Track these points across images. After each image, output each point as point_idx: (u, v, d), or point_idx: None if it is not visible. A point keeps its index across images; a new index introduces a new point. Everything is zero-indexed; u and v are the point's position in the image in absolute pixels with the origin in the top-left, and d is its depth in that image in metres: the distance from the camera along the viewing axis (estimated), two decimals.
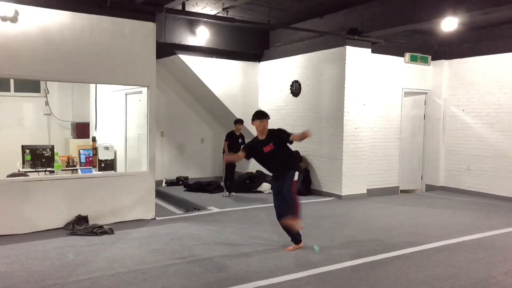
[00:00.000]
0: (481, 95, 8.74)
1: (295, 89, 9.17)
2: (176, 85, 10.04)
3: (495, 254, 5.00)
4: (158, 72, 7.08)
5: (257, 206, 7.59)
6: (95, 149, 8.19)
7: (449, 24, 6.83)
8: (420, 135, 9.52)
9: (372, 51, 8.38)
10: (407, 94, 9.21)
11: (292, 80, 9.24)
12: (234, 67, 9.82)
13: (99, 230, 5.50)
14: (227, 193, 8.49)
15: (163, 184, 9.62)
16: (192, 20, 8.63)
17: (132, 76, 6.26)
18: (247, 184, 9.12)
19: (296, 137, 4.91)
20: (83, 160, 8.06)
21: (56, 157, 7.18)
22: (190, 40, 8.85)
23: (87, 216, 5.83)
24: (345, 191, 8.20)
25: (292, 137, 4.93)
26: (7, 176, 6.08)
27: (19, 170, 6.93)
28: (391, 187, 8.95)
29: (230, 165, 8.46)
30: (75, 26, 5.75)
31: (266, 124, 5.07)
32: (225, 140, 8.46)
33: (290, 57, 9.29)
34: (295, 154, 5.19)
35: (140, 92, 7.23)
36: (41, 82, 9.47)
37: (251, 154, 5.06)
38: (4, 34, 5.34)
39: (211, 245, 5.17)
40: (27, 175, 6.51)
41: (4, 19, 5.32)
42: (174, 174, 9.98)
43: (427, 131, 9.54)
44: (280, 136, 5.03)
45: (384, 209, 7.51)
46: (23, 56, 5.46)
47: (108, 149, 8.19)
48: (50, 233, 5.52)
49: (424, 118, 9.53)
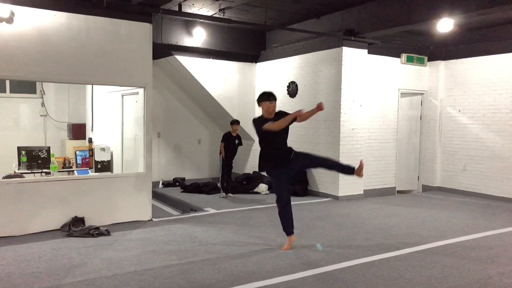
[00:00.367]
0: (477, 95, 8.78)
1: (292, 90, 9.18)
2: (173, 86, 10.03)
3: (492, 254, 5.02)
4: (155, 73, 7.08)
5: (254, 207, 7.59)
6: (91, 150, 8.16)
7: (445, 25, 6.87)
8: (417, 135, 9.55)
9: (369, 52, 8.40)
10: (403, 95, 9.24)
11: (289, 81, 9.25)
12: (231, 68, 9.82)
13: (96, 232, 5.48)
14: (224, 194, 8.49)
15: (160, 185, 9.61)
16: (189, 21, 8.63)
17: (128, 77, 6.25)
18: (244, 185, 9.11)
19: (303, 115, 4.78)
20: (79, 161, 8.03)
21: (52, 159, 7.15)
22: (187, 41, 8.85)
23: (83, 217, 5.81)
24: (342, 192, 8.21)
25: (298, 116, 4.77)
26: (3, 178, 6.05)
27: (15, 172, 6.90)
28: (387, 187, 8.97)
29: (227, 166, 8.45)
30: (71, 27, 5.73)
31: (275, 105, 4.88)
32: (221, 141, 8.45)
33: (287, 58, 9.29)
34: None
35: (137, 93, 7.22)
36: (37, 83, 9.44)
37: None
38: (0, 35, 5.32)
39: (208, 246, 5.16)
40: (23, 177, 6.48)
41: None
42: (170, 175, 9.96)
43: (424, 131, 9.57)
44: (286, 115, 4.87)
45: (381, 209, 7.53)
46: (19, 57, 5.44)
47: (104, 150, 8.15)
48: (46, 234, 5.50)
49: (421, 119, 9.55)
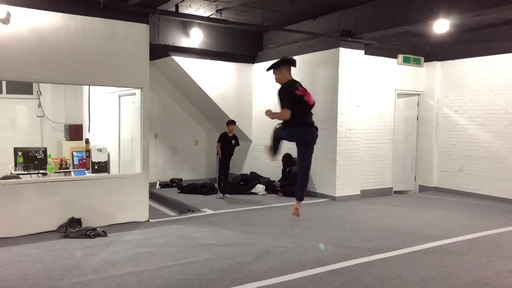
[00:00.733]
0: (473, 96, 8.82)
1: None
2: (170, 87, 10.02)
3: (488, 254, 5.04)
4: (152, 74, 7.06)
5: (251, 207, 7.59)
6: (88, 151, 8.15)
7: (441, 26, 6.90)
8: (413, 136, 9.58)
9: (365, 53, 8.42)
10: (400, 95, 9.26)
11: None
12: (228, 68, 9.82)
13: (92, 233, 5.47)
14: (221, 195, 8.48)
15: (157, 186, 9.59)
16: (186, 21, 8.63)
17: (125, 77, 6.24)
18: (241, 186, 9.11)
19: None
20: (76, 162, 8.03)
21: (48, 159, 7.14)
22: (184, 41, 8.85)
23: (80, 218, 5.80)
24: (339, 192, 8.22)
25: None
26: None
27: (11, 173, 6.89)
28: (384, 188, 8.99)
29: (224, 166, 8.45)
30: (68, 27, 5.72)
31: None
32: (218, 142, 8.45)
33: None
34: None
35: (134, 93, 7.21)
36: (34, 84, 9.42)
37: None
38: None
39: (205, 247, 5.16)
40: (20, 178, 6.47)
41: None
42: (168, 176, 9.95)
43: (420, 132, 9.60)
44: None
45: (378, 210, 7.54)
46: (15, 58, 5.42)
47: (101, 151, 8.15)
48: (43, 236, 5.48)
49: (417, 119, 9.58)
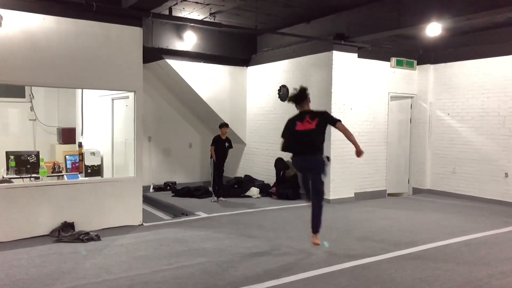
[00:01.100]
0: (466, 99, 8.88)
1: (283, 93, 9.20)
2: (164, 90, 10.00)
3: (481, 256, 5.07)
4: (145, 77, 7.05)
5: (245, 210, 7.58)
6: (81, 154, 8.10)
7: (434, 29, 6.95)
8: (407, 139, 9.63)
9: (359, 56, 8.46)
10: (393, 98, 9.31)
11: (280, 85, 9.27)
12: (222, 72, 9.82)
13: (86, 237, 5.43)
14: (215, 198, 8.46)
15: (151, 190, 9.56)
16: (179, 25, 8.62)
17: (118, 81, 6.22)
18: (235, 189, 9.10)
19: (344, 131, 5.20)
20: (69, 166, 7.97)
21: (41, 163, 7.08)
22: (178, 45, 8.84)
23: (73, 222, 5.76)
24: (333, 195, 8.23)
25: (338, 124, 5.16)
26: None
27: (3, 177, 6.82)
28: (378, 190, 9.02)
29: (218, 169, 8.44)
30: (61, 31, 5.69)
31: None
32: (211, 145, 8.44)
33: (278, 62, 9.33)
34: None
35: (127, 97, 7.18)
36: (26, 87, 9.35)
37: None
38: None
39: (199, 250, 5.14)
40: (12, 182, 6.41)
41: None
42: (162, 179, 9.91)
43: (414, 135, 9.65)
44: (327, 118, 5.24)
45: (372, 212, 7.56)
46: (7, 61, 5.38)
47: (94, 154, 8.11)
48: (35, 240, 5.43)
49: (411, 122, 9.64)
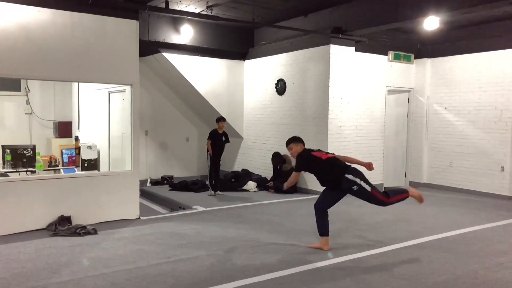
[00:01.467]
0: (463, 93, 8.90)
1: (280, 87, 9.18)
2: (161, 84, 9.96)
3: (477, 249, 5.10)
4: (142, 71, 7.02)
5: (242, 204, 7.59)
6: (78, 148, 8.07)
7: (431, 23, 6.94)
8: (404, 132, 9.64)
9: (356, 50, 8.44)
10: (390, 92, 9.31)
11: (277, 79, 9.25)
12: (219, 65, 9.78)
13: (82, 231, 5.43)
14: (213, 192, 8.47)
15: (148, 184, 9.55)
16: (176, 18, 8.57)
17: (115, 74, 6.19)
18: (232, 183, 9.10)
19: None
20: (65, 159, 7.93)
21: (37, 157, 7.05)
22: (174, 38, 8.79)
23: (70, 216, 5.75)
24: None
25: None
26: None
27: None
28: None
29: (214, 163, 8.43)
30: (56, 23, 5.65)
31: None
32: (208, 139, 8.42)
33: (275, 56, 9.30)
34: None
35: (124, 90, 7.15)
36: (22, 80, 9.29)
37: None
38: None
39: (196, 244, 5.14)
40: (8, 176, 6.38)
41: None
42: (159, 173, 9.90)
43: (411, 128, 9.67)
44: None
45: (368, 206, 7.52)
46: (2, 54, 5.33)
47: (91, 148, 8.07)
48: (31, 234, 5.42)
49: (408, 116, 9.64)
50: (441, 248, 5.11)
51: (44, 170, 7.16)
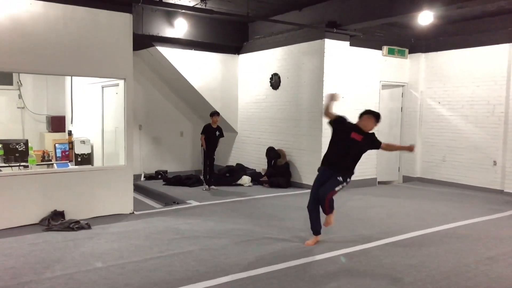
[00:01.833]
0: (456, 87, 8.93)
1: (275, 82, 9.17)
2: (154, 78, 9.91)
3: (469, 243, 5.14)
4: (136, 64, 6.97)
5: (236, 199, 7.59)
6: (71, 143, 8.03)
7: (425, 17, 6.95)
8: (397, 127, 9.67)
9: (351, 44, 8.43)
10: (384, 86, 9.33)
11: (272, 73, 9.23)
12: (213, 59, 9.75)
13: (76, 225, 5.41)
14: (207, 187, 8.46)
15: (142, 178, 9.52)
16: (170, 11, 8.51)
17: (108, 68, 6.14)
18: (227, 178, 9.10)
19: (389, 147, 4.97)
20: (59, 154, 7.90)
21: (30, 152, 7.00)
22: (168, 31, 8.73)
23: (63, 211, 5.72)
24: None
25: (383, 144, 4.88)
26: None
27: None
28: (369, 178, 9.07)
29: (209, 158, 8.42)
30: (48, 16, 5.59)
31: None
32: (201, 133, 8.40)
33: (270, 50, 9.27)
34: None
35: (117, 84, 7.11)
36: (14, 74, 9.20)
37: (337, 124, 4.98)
38: None
39: (190, 238, 5.14)
40: (0, 170, 6.34)
41: None
42: (153, 167, 9.88)
43: (404, 123, 9.70)
44: (372, 140, 4.89)
45: (362, 200, 7.62)
46: None
47: (84, 143, 8.04)
48: (24, 229, 5.39)
49: (401, 111, 9.67)
50: (433, 242, 5.14)
51: (37, 164, 7.13)
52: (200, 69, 9.51)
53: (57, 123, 9.34)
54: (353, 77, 8.65)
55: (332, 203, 4.93)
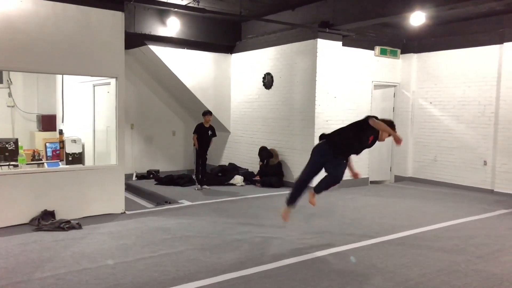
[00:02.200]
0: (448, 88, 8.99)
1: (267, 81, 9.16)
2: (147, 77, 9.86)
3: (459, 242, 5.18)
4: (128, 63, 6.93)
5: (228, 198, 7.58)
6: (62, 142, 7.96)
7: (417, 18, 6.99)
8: None
9: (343, 44, 8.46)
10: (377, 87, 9.37)
11: (265, 72, 9.23)
12: (206, 58, 9.72)
13: (66, 225, 5.36)
14: (199, 186, 8.44)
15: (133, 178, 9.47)
16: (163, 10, 8.47)
17: (99, 67, 6.10)
18: (219, 177, 9.07)
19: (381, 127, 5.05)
20: (49, 153, 7.82)
21: (20, 151, 6.93)
22: (161, 30, 8.69)
23: (53, 211, 5.67)
24: (315, 183, 8.25)
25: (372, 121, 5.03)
26: None
27: None
28: (361, 178, 9.06)
29: (201, 157, 8.39)
30: (39, 14, 5.53)
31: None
32: (194, 133, 8.37)
33: (262, 49, 9.26)
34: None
35: (109, 83, 7.06)
36: (4, 72, 9.09)
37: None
38: None
39: (182, 238, 5.12)
40: None
41: None
42: (144, 167, 9.83)
43: (396, 123, 9.66)
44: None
45: (354, 200, 7.64)
46: None
47: (75, 142, 7.97)
48: (14, 229, 5.33)
49: (393, 111, 9.72)
50: (424, 241, 5.17)
51: (27, 164, 7.06)
52: (193, 68, 9.48)
53: (47, 122, 9.24)
54: (345, 77, 8.68)
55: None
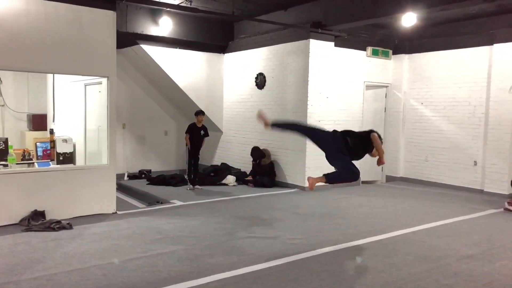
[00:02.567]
0: (439, 88, 9.07)
1: (260, 81, 9.17)
2: (139, 76, 9.81)
3: (450, 241, 5.22)
4: (119, 63, 6.89)
5: (221, 198, 7.57)
6: (53, 141, 7.90)
7: (409, 19, 7.03)
8: (381, 127, 9.74)
9: (335, 45, 8.49)
10: (368, 87, 9.41)
11: (257, 73, 9.23)
12: (198, 58, 9.70)
13: (57, 226, 5.32)
14: (191, 186, 8.42)
15: (125, 178, 9.42)
16: (155, 9, 8.44)
17: (91, 66, 6.06)
18: (211, 177, 9.06)
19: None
20: (40, 153, 7.76)
21: (10, 150, 6.87)
22: (153, 30, 8.65)
23: (44, 211, 5.62)
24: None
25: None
26: None
27: None
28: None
29: (193, 157, 8.37)
30: (29, 12, 5.48)
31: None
32: (186, 133, 8.35)
33: (255, 49, 9.27)
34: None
35: (100, 82, 7.02)
36: None
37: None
38: None
39: (173, 238, 5.11)
40: None
41: None
42: (136, 167, 9.78)
43: (388, 123, 9.80)
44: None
45: (346, 199, 7.68)
46: None
47: (66, 141, 7.91)
48: (3, 229, 5.28)
49: (385, 111, 9.78)
50: (415, 241, 5.21)
51: (17, 163, 6.99)
52: (185, 68, 9.46)
53: (38, 121, 9.16)
54: (337, 77, 8.71)
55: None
